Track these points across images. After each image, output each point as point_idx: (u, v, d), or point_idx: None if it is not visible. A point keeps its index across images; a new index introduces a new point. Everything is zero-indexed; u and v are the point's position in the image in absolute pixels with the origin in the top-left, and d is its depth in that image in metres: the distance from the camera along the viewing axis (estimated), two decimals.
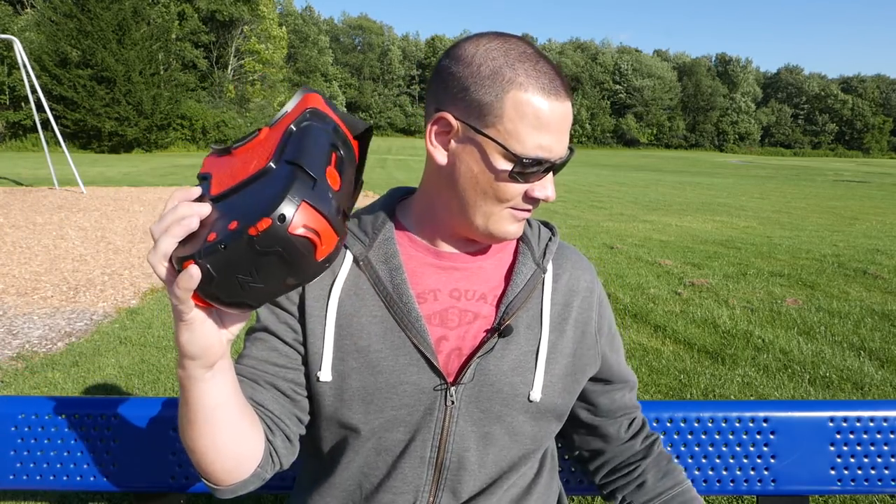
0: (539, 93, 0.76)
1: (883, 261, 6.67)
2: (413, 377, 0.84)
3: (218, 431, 0.74)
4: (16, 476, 1.20)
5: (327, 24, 71.54)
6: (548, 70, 0.78)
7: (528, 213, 0.83)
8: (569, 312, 0.92)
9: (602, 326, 0.96)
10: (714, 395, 3.29)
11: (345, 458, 0.87)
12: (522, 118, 0.76)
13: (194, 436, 0.74)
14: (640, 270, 6.08)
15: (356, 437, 0.86)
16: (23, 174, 14.94)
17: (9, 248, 6.52)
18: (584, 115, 75.01)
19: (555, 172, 0.81)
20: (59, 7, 28.02)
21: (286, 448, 0.85)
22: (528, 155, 0.77)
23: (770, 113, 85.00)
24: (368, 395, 0.84)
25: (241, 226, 0.54)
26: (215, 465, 0.76)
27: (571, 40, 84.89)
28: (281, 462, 0.84)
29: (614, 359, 0.99)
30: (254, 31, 43.09)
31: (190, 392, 0.70)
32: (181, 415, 0.74)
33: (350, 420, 0.85)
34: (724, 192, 16.54)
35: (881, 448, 1.23)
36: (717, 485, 1.24)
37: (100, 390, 3.23)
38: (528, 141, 0.76)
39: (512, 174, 0.78)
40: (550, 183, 0.80)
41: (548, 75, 0.78)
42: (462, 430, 0.85)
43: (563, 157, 0.80)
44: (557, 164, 0.79)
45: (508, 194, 0.80)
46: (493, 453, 0.87)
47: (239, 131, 35.78)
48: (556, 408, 0.90)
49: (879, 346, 4.01)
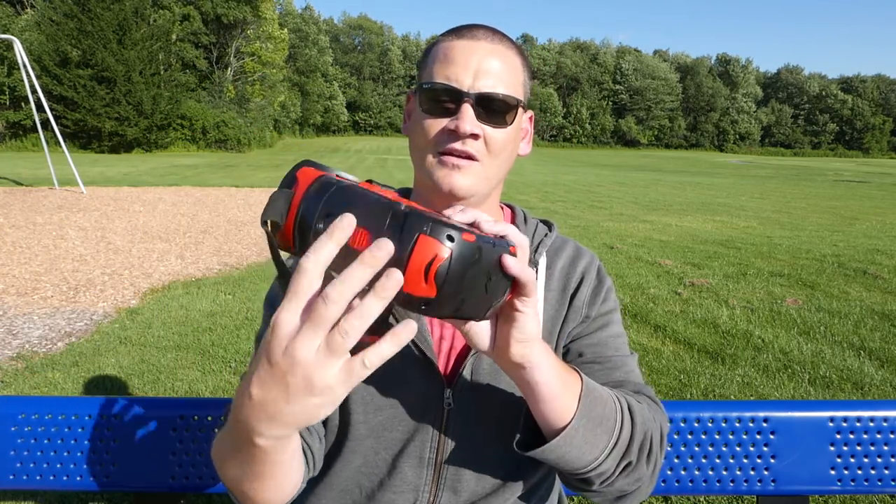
0: (450, 37, 0.85)
1: (883, 261, 6.67)
2: (412, 377, 0.84)
3: (286, 477, 0.70)
4: (16, 476, 1.20)
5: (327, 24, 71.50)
6: (470, 24, 0.86)
7: (455, 156, 0.82)
8: (565, 297, 0.92)
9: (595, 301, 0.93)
10: (714, 395, 3.29)
11: (345, 456, 0.88)
12: (434, 60, 0.84)
13: (261, 487, 0.68)
14: (640, 270, 6.08)
15: (356, 436, 0.86)
16: (23, 174, 14.94)
17: (9, 248, 6.52)
18: (585, 115, 74.97)
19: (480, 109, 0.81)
20: (59, 7, 28.01)
21: (320, 450, 0.85)
22: (430, 81, 0.82)
23: (770, 113, 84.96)
24: (368, 394, 0.84)
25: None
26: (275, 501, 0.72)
27: (571, 40, 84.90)
28: (316, 464, 0.84)
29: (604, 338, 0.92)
30: (255, 32, 43.10)
31: (269, 453, 0.61)
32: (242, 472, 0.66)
33: (349, 418, 0.85)
34: (724, 192, 16.53)
35: (881, 448, 1.23)
36: (717, 485, 1.24)
37: (100, 390, 3.23)
38: (435, 75, 0.82)
39: (422, 106, 0.83)
40: (465, 115, 0.80)
41: (467, 26, 0.85)
42: (460, 430, 0.85)
43: (477, 90, 0.81)
44: (468, 93, 0.80)
45: (429, 131, 0.83)
46: (493, 452, 0.87)
47: (239, 131, 35.77)
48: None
49: (879, 346, 4.01)
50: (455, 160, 0.82)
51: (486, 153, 0.83)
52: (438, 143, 0.82)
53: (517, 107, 0.84)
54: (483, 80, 0.81)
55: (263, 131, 40.44)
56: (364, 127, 70.73)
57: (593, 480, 0.76)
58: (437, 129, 0.82)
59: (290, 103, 51.72)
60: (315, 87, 58.30)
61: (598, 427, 0.73)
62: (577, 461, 0.73)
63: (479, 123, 0.81)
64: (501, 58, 0.83)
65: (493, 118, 0.82)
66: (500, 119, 0.83)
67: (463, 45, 0.82)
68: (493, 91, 0.81)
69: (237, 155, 31.70)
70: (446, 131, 0.82)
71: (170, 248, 6.81)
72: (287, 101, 50.36)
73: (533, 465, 0.92)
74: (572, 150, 62.77)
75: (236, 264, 6.17)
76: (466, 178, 0.82)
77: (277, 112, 47.50)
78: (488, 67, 0.81)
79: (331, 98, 62.89)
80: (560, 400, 0.71)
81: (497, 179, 0.87)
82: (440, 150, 0.82)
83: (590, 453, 0.73)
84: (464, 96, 0.80)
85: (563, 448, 0.72)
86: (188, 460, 1.22)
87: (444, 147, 0.82)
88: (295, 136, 54.51)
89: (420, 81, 0.86)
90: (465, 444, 0.86)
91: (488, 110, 0.81)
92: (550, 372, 0.69)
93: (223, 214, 9.54)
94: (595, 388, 0.75)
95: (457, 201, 0.83)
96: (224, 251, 6.79)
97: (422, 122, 0.83)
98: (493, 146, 0.83)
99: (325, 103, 61.68)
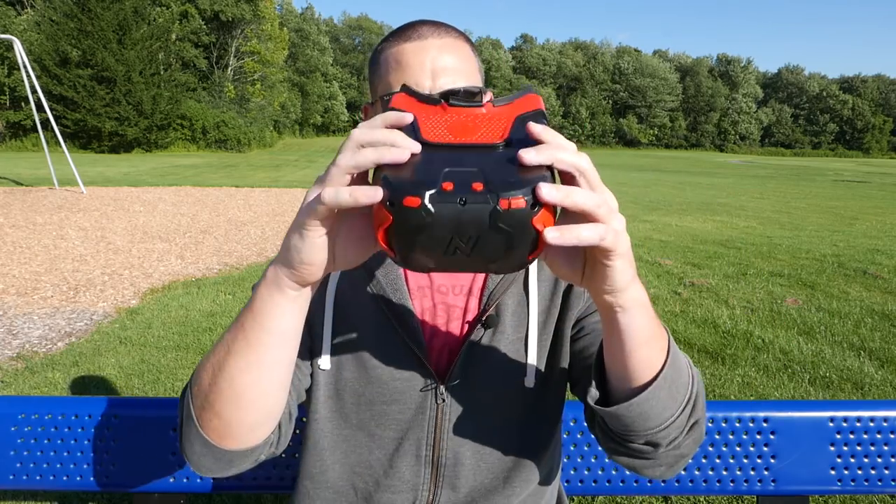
0: (396, 42, 0.84)
1: (883, 261, 6.67)
2: (404, 375, 0.84)
3: (272, 364, 0.67)
4: (16, 476, 1.20)
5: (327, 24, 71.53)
6: (410, 23, 0.85)
7: None
8: (558, 286, 0.91)
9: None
10: (714, 395, 3.29)
11: (340, 454, 0.87)
12: (387, 69, 0.84)
13: (244, 364, 0.65)
14: (640, 270, 6.05)
15: (350, 432, 0.86)
16: (23, 174, 14.94)
17: (9, 248, 6.52)
18: (585, 114, 74.96)
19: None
20: (59, 7, 28.03)
21: (287, 424, 0.80)
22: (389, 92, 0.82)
23: (770, 113, 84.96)
24: (360, 387, 0.85)
25: (488, 192, 0.52)
26: (246, 409, 0.68)
27: (571, 40, 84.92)
28: (279, 441, 0.79)
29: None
30: (254, 32, 43.10)
31: (265, 305, 0.63)
32: (233, 338, 0.66)
33: (342, 411, 0.85)
34: (724, 192, 16.53)
35: (881, 448, 1.23)
36: (717, 485, 1.23)
37: (100, 390, 3.23)
38: (393, 84, 0.82)
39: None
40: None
41: (408, 26, 0.84)
42: (456, 427, 0.85)
43: (439, 89, 0.80)
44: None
45: None
46: (491, 446, 0.87)
47: (239, 131, 35.77)
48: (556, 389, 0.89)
49: (879, 346, 4.01)
50: None
51: None
52: None
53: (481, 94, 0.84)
54: (442, 79, 0.81)
55: (263, 131, 40.45)
56: None
57: (660, 442, 0.69)
58: None
59: (290, 103, 51.72)
60: (315, 87, 58.28)
61: (679, 379, 0.69)
62: (657, 417, 0.67)
63: None
64: (452, 51, 0.84)
65: None
66: None
67: (412, 48, 0.82)
68: (456, 87, 0.81)
69: (237, 155, 31.71)
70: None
71: (170, 248, 6.81)
72: (287, 102, 50.35)
73: (534, 457, 0.92)
74: None
75: (236, 264, 6.17)
76: None
77: (277, 112, 47.51)
78: (444, 64, 0.82)
79: (331, 98, 62.88)
80: (651, 348, 0.65)
81: None
82: None
83: (669, 408, 0.68)
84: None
85: (650, 402, 0.66)
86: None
87: None
88: (295, 136, 54.49)
89: (378, 93, 0.85)
90: (462, 439, 0.85)
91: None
92: (645, 317, 0.63)
93: (223, 214, 9.54)
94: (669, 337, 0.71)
95: None
96: (224, 251, 6.78)
97: None
98: None
99: (325, 103, 61.65)
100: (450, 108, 0.61)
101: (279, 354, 0.67)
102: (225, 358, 0.66)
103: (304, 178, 17.21)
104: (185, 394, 0.73)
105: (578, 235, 0.52)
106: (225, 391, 0.67)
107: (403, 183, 0.52)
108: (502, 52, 77.79)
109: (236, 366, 0.66)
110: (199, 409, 0.69)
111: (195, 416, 0.70)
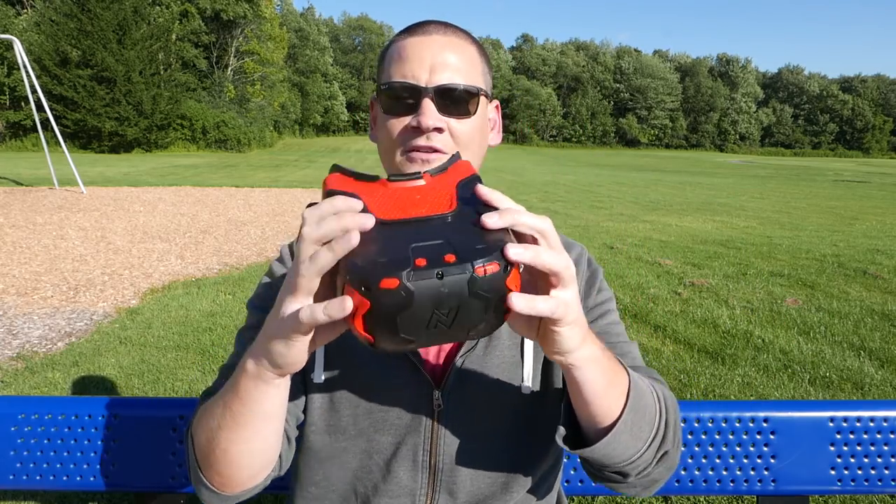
0: (402, 36, 0.85)
1: (883, 261, 6.67)
2: (399, 382, 0.84)
3: (261, 437, 0.71)
4: (16, 476, 1.20)
5: (327, 24, 71.53)
6: (421, 21, 0.85)
7: (421, 151, 0.82)
8: None
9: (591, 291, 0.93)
10: (714, 395, 3.29)
11: (338, 461, 0.87)
12: (390, 62, 0.85)
13: (234, 438, 0.70)
14: (640, 270, 6.08)
15: (348, 440, 0.86)
16: (23, 174, 14.94)
17: (9, 248, 6.52)
18: (585, 114, 74.95)
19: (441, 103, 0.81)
20: (59, 7, 28.05)
21: (287, 451, 0.84)
22: (388, 81, 0.83)
23: (771, 113, 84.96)
24: (356, 398, 0.84)
25: (462, 261, 0.52)
26: (241, 470, 0.73)
27: (571, 40, 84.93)
28: (282, 464, 0.83)
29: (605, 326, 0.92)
30: (254, 32, 43.10)
31: (250, 394, 0.67)
32: (223, 414, 0.70)
33: (340, 422, 0.85)
34: (724, 192, 16.53)
35: (881, 448, 1.23)
36: (717, 485, 1.23)
37: (100, 390, 3.23)
38: (392, 75, 0.83)
39: (383, 108, 0.84)
40: (426, 109, 0.80)
41: (418, 23, 0.85)
42: (453, 431, 0.85)
43: (435, 83, 0.81)
44: (427, 88, 0.80)
45: (392, 131, 0.83)
46: (488, 452, 0.86)
47: (239, 131, 35.77)
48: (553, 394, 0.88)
49: (879, 346, 4.01)
50: (424, 156, 0.82)
51: (452, 146, 0.82)
52: (403, 142, 0.83)
53: (478, 95, 0.84)
54: (440, 74, 0.81)
55: (263, 131, 40.46)
56: (364, 127, 70.58)
57: (630, 472, 0.74)
58: (399, 127, 0.82)
59: (290, 103, 51.71)
60: (315, 87, 58.29)
61: (643, 420, 0.72)
62: (621, 455, 0.72)
63: (442, 117, 0.81)
64: (455, 49, 0.84)
65: (456, 110, 0.82)
66: (463, 109, 0.83)
67: (416, 42, 0.83)
68: (452, 83, 0.81)
69: (237, 155, 31.72)
70: (409, 128, 0.82)
71: (170, 248, 6.81)
72: (287, 102, 50.35)
73: (532, 462, 0.91)
74: (572, 150, 62.76)
75: (236, 264, 6.17)
76: None
77: (277, 112, 47.51)
78: (444, 60, 0.82)
79: (331, 98, 62.88)
80: (608, 397, 0.69)
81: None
82: (406, 149, 0.83)
83: (633, 446, 0.72)
84: (423, 91, 0.80)
85: (611, 445, 0.70)
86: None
87: (409, 145, 0.82)
88: (295, 136, 54.50)
89: (379, 85, 0.86)
90: (459, 445, 0.85)
91: (449, 102, 0.81)
92: (597, 371, 0.67)
93: (223, 214, 9.54)
94: (637, 380, 0.74)
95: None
96: (224, 251, 6.79)
97: (385, 123, 0.84)
98: (459, 138, 0.83)
99: (325, 103, 61.67)
100: (390, 183, 0.62)
101: (269, 427, 0.71)
102: (217, 431, 0.71)
103: (304, 178, 17.22)
104: (187, 441, 0.80)
105: (535, 307, 0.56)
106: (220, 458, 0.72)
107: (375, 265, 0.52)
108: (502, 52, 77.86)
109: (227, 438, 0.71)
110: (201, 463, 0.75)
111: (199, 467, 0.76)
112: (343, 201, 0.57)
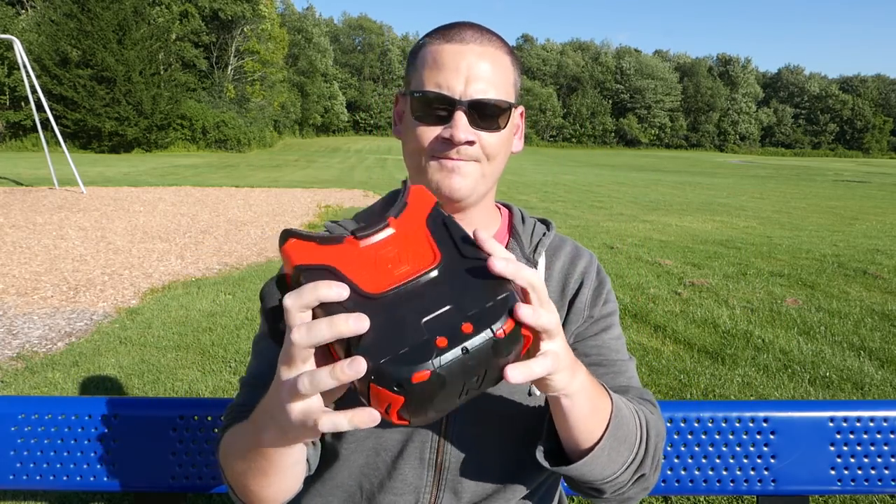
0: (437, 40, 0.84)
1: (883, 261, 6.67)
2: None
3: (289, 476, 0.73)
4: (16, 476, 1.20)
5: (327, 24, 71.54)
6: (456, 24, 0.84)
7: (451, 160, 0.82)
8: (564, 299, 0.92)
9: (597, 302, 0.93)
10: (714, 395, 3.29)
11: (345, 457, 0.88)
12: (424, 65, 0.83)
13: (263, 483, 0.72)
14: (640, 270, 6.08)
15: (355, 437, 0.86)
16: (23, 174, 14.94)
17: (9, 248, 6.52)
18: (585, 114, 74.95)
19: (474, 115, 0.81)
20: (59, 7, 28.03)
21: (314, 454, 0.85)
22: (421, 89, 0.82)
23: (771, 113, 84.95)
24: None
25: (480, 327, 0.51)
26: (270, 499, 0.76)
27: (572, 41, 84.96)
28: (311, 466, 0.84)
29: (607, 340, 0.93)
30: (254, 32, 43.09)
31: (270, 452, 0.67)
32: (248, 466, 0.71)
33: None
34: (724, 192, 16.53)
35: (881, 448, 1.23)
36: (717, 485, 1.24)
37: (100, 390, 3.23)
38: (426, 82, 0.82)
39: (414, 114, 0.83)
40: (459, 123, 0.80)
41: (453, 26, 0.84)
42: (460, 432, 0.85)
43: (469, 96, 0.80)
44: (461, 101, 0.80)
45: (422, 139, 0.83)
46: (494, 453, 0.87)
47: (239, 131, 35.76)
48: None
49: (879, 346, 4.01)
50: (452, 164, 0.83)
51: (481, 156, 0.84)
52: (433, 150, 0.83)
53: (510, 109, 0.85)
54: (474, 86, 0.81)
55: (263, 131, 40.45)
56: (364, 127, 70.73)
57: (606, 490, 0.78)
58: (430, 136, 0.82)
59: (290, 103, 51.69)
60: (315, 87, 58.26)
61: (622, 445, 0.76)
62: (598, 475, 0.76)
63: (474, 130, 0.81)
64: (491, 60, 0.83)
65: (487, 123, 0.82)
66: (494, 123, 0.83)
67: (452, 49, 0.82)
68: (486, 97, 0.81)
69: (237, 155, 31.72)
70: (440, 139, 0.82)
71: (170, 248, 6.81)
72: (287, 102, 50.33)
73: (535, 465, 0.92)
74: (572, 150, 62.77)
75: (236, 264, 6.17)
76: (465, 179, 0.83)
77: (277, 112, 47.51)
78: (479, 72, 0.81)
79: (331, 98, 62.87)
80: (590, 423, 0.72)
81: (493, 179, 0.88)
82: (435, 156, 0.83)
83: (610, 468, 0.76)
84: (457, 104, 0.80)
85: (588, 466, 0.74)
86: (188, 460, 1.22)
87: (439, 154, 0.83)
88: (295, 136, 54.49)
89: (410, 87, 0.85)
90: (466, 444, 0.86)
91: (482, 116, 0.81)
92: (583, 399, 0.70)
93: (223, 214, 9.54)
94: (621, 407, 0.77)
95: (456, 203, 0.85)
96: (224, 251, 6.78)
97: (415, 129, 0.83)
98: (488, 150, 0.84)
99: (326, 103, 61.66)
100: (357, 240, 0.59)
101: (297, 468, 0.73)
102: (244, 476, 0.73)
103: (304, 178, 17.21)
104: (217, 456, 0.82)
105: (532, 373, 0.57)
106: (252, 494, 0.75)
107: (400, 361, 0.50)
108: None
109: (256, 483, 0.73)
110: (234, 488, 0.78)
111: (233, 490, 0.79)
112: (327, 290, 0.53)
